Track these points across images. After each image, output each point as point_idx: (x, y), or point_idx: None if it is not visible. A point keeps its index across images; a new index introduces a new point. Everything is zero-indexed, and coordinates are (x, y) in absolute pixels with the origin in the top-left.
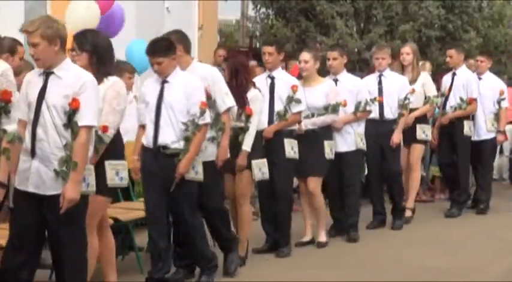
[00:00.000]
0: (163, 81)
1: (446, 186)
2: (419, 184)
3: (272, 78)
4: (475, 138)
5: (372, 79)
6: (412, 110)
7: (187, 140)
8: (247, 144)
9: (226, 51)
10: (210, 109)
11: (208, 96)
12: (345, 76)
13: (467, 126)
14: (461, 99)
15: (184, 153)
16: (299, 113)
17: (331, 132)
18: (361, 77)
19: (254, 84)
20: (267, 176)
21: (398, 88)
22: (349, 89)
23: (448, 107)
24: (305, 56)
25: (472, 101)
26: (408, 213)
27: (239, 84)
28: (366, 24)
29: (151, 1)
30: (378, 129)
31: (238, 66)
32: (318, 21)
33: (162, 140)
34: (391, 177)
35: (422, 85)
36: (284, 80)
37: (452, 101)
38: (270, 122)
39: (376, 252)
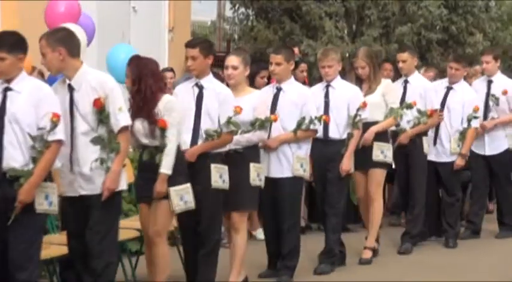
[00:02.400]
0: (6, 89)
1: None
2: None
3: (200, 88)
4: (432, 158)
5: (318, 90)
6: (369, 126)
7: (34, 160)
8: (166, 166)
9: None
10: (101, 125)
11: (99, 108)
12: (290, 85)
13: (426, 143)
14: (419, 111)
15: (27, 177)
16: (232, 133)
17: (258, 153)
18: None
19: (169, 92)
20: (191, 205)
21: (348, 101)
22: (294, 100)
23: (404, 122)
24: (233, 60)
25: (433, 113)
26: (367, 254)
27: (144, 94)
28: (358, 26)
29: (116, 0)
30: (322, 151)
31: (142, 73)
32: (304, 22)
33: (7, 163)
34: (330, 212)
35: (382, 94)
36: (214, 89)
37: (408, 114)
38: (194, 142)
39: None
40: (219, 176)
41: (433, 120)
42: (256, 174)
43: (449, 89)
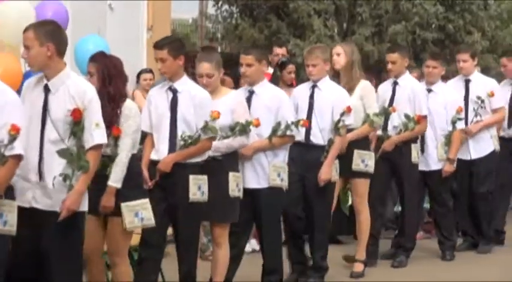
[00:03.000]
0: None
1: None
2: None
3: (174, 92)
4: (422, 167)
5: (303, 90)
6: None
7: None
8: (113, 178)
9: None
10: (72, 137)
11: (77, 120)
12: (263, 87)
13: (415, 152)
14: (406, 116)
15: None
16: (211, 139)
17: (237, 161)
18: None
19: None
20: (150, 222)
21: (332, 105)
22: (267, 103)
23: (390, 127)
24: (206, 68)
25: (420, 119)
26: (359, 267)
27: (113, 97)
28: (349, 25)
29: None
30: (302, 156)
31: (112, 72)
32: (292, 20)
33: None
34: (315, 227)
35: (360, 97)
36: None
37: (395, 119)
38: (172, 152)
39: None
40: (198, 187)
41: (420, 127)
42: (236, 185)
43: (428, 91)
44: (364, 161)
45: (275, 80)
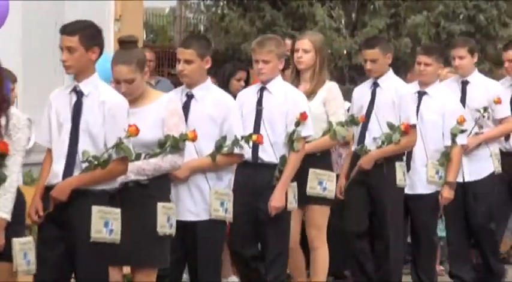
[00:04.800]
0: None
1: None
2: None
3: (79, 95)
4: (406, 189)
5: (249, 94)
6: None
7: None
8: (3, 208)
9: (155, 53)
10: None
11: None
12: (206, 90)
13: (400, 172)
14: (390, 125)
15: None
16: (123, 160)
17: (168, 187)
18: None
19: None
20: (33, 267)
21: (286, 111)
22: (210, 112)
23: (368, 140)
24: (124, 72)
25: (408, 130)
26: None
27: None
28: (359, 15)
29: None
30: (250, 180)
31: (2, 75)
32: (290, 10)
33: None
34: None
35: (323, 102)
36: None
37: (375, 129)
38: (68, 173)
39: None
40: (104, 223)
41: (408, 140)
42: (166, 219)
43: (421, 94)
44: (323, 183)
45: None
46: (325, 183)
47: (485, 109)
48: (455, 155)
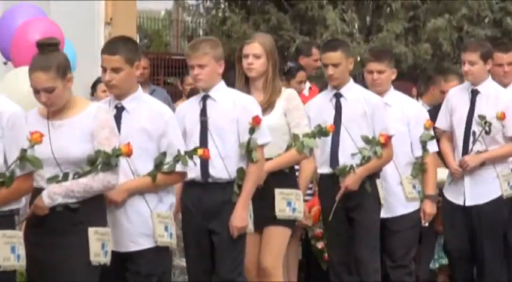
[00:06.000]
0: None
1: None
2: None
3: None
4: (382, 214)
5: (191, 105)
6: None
7: None
8: None
9: (149, 60)
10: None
11: None
12: (138, 100)
13: (382, 190)
14: (366, 139)
15: None
16: (31, 176)
17: (104, 211)
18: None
19: None
20: None
21: (236, 119)
22: (144, 125)
23: (342, 158)
24: (42, 81)
25: (388, 142)
26: None
27: None
28: (374, 18)
29: None
30: (200, 201)
31: None
32: (298, 13)
33: None
34: None
35: (284, 113)
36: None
37: (348, 145)
38: None
39: None
40: (11, 249)
41: (389, 152)
42: (101, 246)
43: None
44: (291, 203)
45: None
46: (293, 203)
47: (486, 122)
48: (430, 163)
